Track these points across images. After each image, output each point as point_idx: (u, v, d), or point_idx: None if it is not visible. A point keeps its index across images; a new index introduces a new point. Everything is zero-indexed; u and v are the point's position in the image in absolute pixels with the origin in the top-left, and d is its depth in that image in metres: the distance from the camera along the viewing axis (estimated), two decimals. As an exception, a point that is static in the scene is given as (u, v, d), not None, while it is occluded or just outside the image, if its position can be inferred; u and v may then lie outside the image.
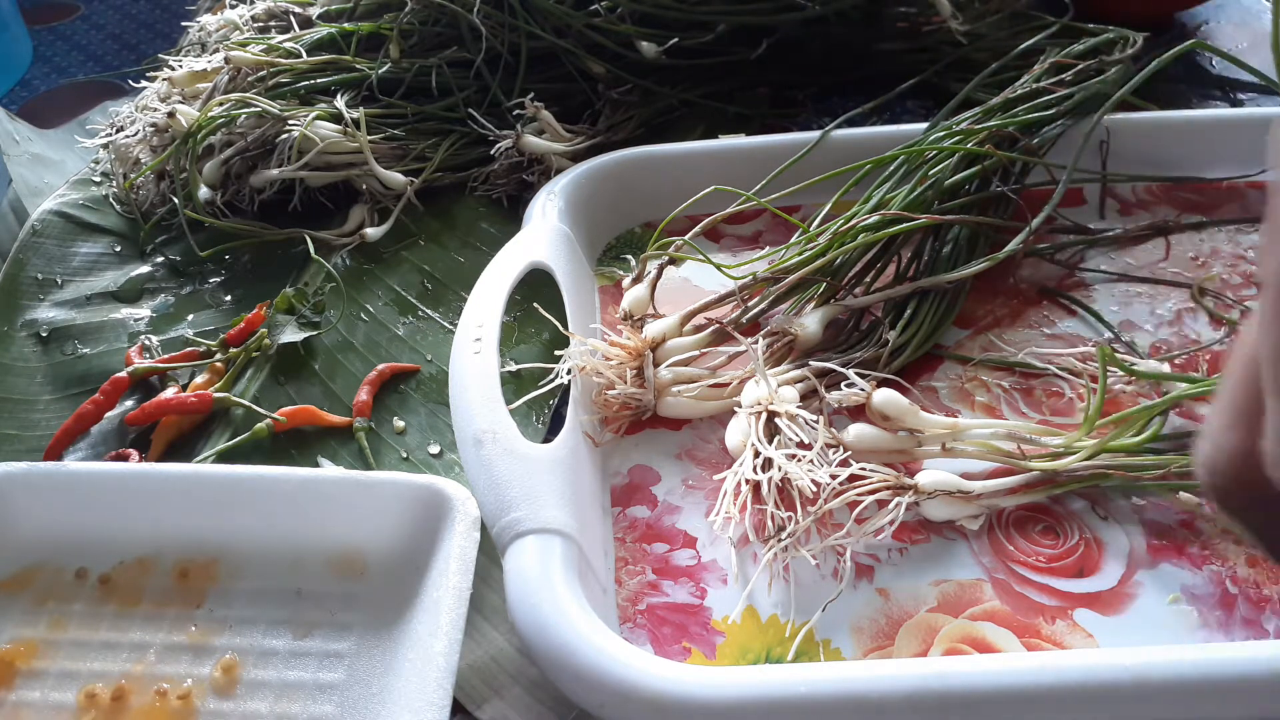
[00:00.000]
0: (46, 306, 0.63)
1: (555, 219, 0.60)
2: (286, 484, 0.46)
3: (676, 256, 0.58)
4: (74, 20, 0.93)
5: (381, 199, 0.68)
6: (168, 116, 0.67)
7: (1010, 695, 0.37)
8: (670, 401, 0.52)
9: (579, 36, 0.72)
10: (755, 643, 0.44)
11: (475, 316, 0.51)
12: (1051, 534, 0.47)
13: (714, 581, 0.46)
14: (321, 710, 0.41)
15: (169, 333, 0.61)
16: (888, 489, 0.46)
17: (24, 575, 0.46)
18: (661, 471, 0.51)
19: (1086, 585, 0.45)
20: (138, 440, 0.54)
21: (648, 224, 0.66)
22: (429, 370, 0.58)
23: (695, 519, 0.49)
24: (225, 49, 0.70)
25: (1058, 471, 0.47)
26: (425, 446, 0.54)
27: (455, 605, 0.41)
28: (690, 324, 0.54)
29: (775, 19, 0.73)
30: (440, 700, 0.38)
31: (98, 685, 0.42)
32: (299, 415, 0.54)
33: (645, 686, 0.37)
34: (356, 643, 0.43)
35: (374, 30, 0.72)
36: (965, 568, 0.46)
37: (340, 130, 0.66)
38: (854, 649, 0.43)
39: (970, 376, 0.55)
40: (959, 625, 0.44)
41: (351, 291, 0.63)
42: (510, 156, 0.67)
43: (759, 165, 0.62)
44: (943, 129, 0.62)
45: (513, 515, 0.43)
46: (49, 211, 0.68)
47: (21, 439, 0.55)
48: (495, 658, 0.45)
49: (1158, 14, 0.84)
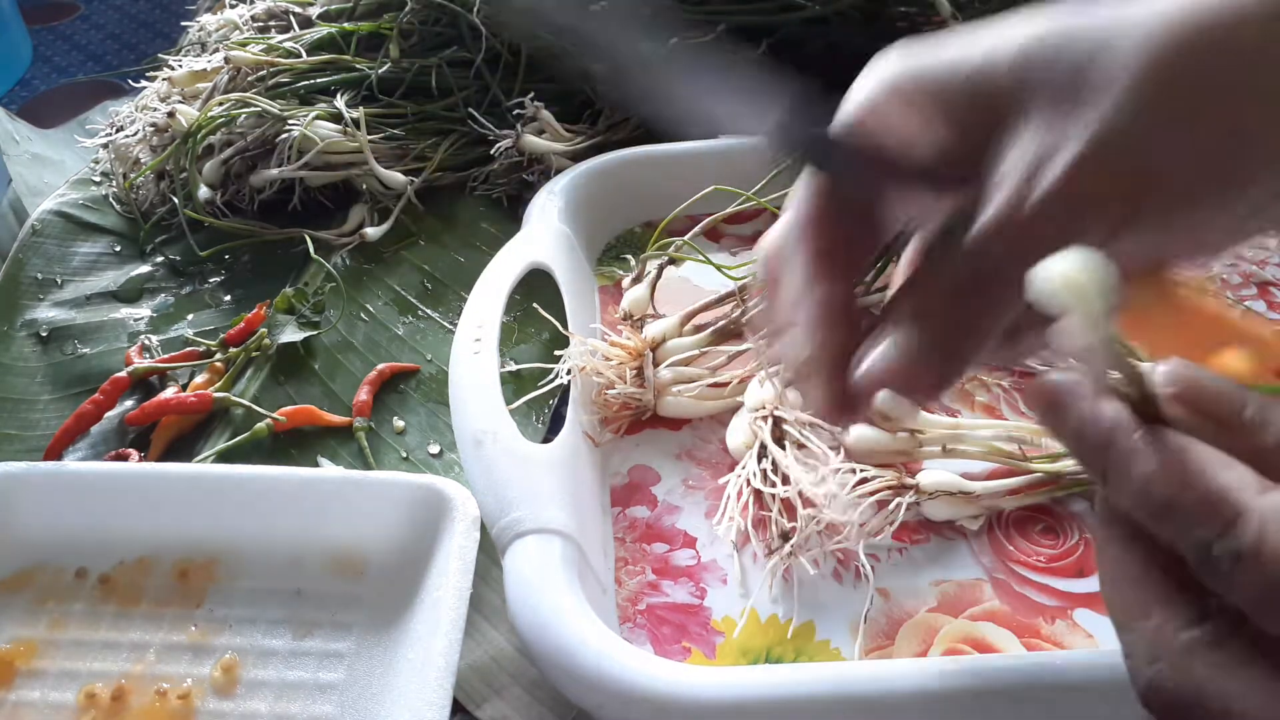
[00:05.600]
0: (46, 306, 0.63)
1: (555, 219, 0.60)
2: (286, 484, 0.46)
3: (676, 256, 0.58)
4: (74, 20, 0.93)
5: (381, 199, 0.68)
6: (168, 116, 0.67)
7: (1010, 696, 0.37)
8: (670, 401, 0.52)
9: (579, 36, 0.72)
10: (755, 643, 0.44)
11: (475, 317, 0.51)
12: (1051, 534, 0.47)
13: (714, 581, 0.46)
14: (321, 710, 0.41)
15: (169, 332, 0.61)
16: (889, 489, 0.46)
17: (24, 575, 0.46)
18: (661, 471, 0.51)
19: (1086, 585, 0.45)
20: (138, 440, 0.54)
21: (648, 224, 0.66)
22: (429, 370, 0.58)
23: (695, 519, 0.49)
24: (225, 49, 0.70)
25: (1059, 473, 0.47)
26: (425, 446, 0.54)
27: (455, 605, 0.41)
28: (690, 324, 0.54)
29: (775, 19, 0.73)
30: (440, 700, 0.38)
31: (98, 685, 0.42)
32: (299, 415, 0.54)
33: (645, 687, 0.37)
34: (356, 643, 0.43)
35: (374, 30, 0.72)
36: (965, 568, 0.46)
37: (340, 130, 0.66)
38: (854, 649, 0.43)
39: (970, 376, 0.55)
40: (959, 625, 0.44)
41: (351, 291, 0.63)
42: (510, 156, 0.67)
43: (759, 165, 0.62)
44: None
45: (513, 515, 0.43)
46: (49, 211, 0.68)
47: (21, 439, 0.55)
48: (495, 658, 0.45)
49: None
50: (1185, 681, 0.22)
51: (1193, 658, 0.22)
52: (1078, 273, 0.23)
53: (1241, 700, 0.22)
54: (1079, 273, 0.23)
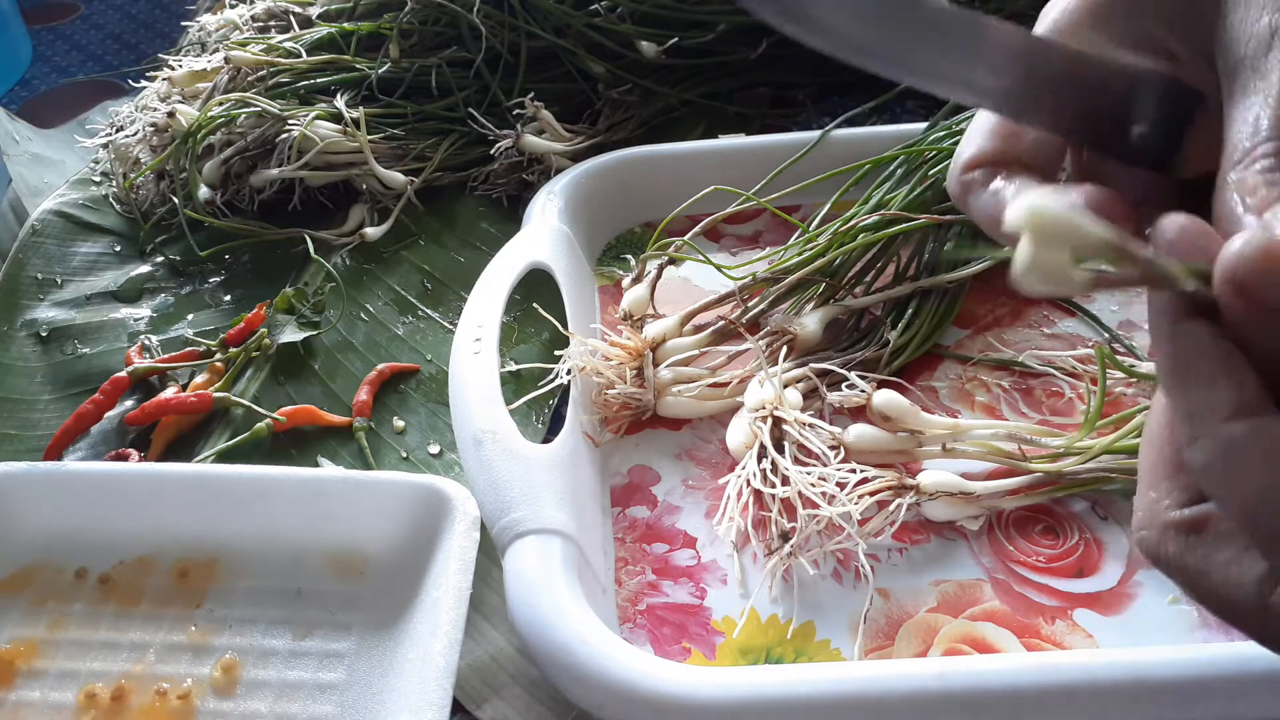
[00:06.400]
0: (46, 306, 0.63)
1: (555, 219, 0.60)
2: (286, 484, 0.46)
3: (676, 257, 0.58)
4: (74, 20, 0.93)
5: (381, 199, 0.68)
6: (168, 116, 0.67)
7: (1010, 696, 0.37)
8: (670, 401, 0.52)
9: (579, 36, 0.72)
10: (755, 643, 0.44)
11: (475, 317, 0.51)
12: (1051, 534, 0.47)
13: (714, 582, 0.46)
14: (321, 710, 0.41)
15: (169, 332, 0.61)
16: (889, 489, 0.46)
17: (24, 575, 0.46)
18: (661, 471, 0.51)
19: (1086, 585, 0.45)
20: (138, 440, 0.54)
21: (648, 224, 0.66)
22: (429, 370, 0.58)
23: (695, 519, 0.49)
24: (225, 49, 0.70)
25: (1060, 473, 0.47)
26: (425, 446, 0.54)
27: (455, 605, 0.41)
28: (690, 324, 0.54)
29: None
30: (440, 700, 0.38)
31: (98, 685, 0.42)
32: (299, 415, 0.54)
33: (645, 687, 0.37)
34: (356, 643, 0.43)
35: (374, 30, 0.72)
36: (965, 568, 0.46)
37: (340, 130, 0.66)
38: (854, 649, 0.43)
39: (970, 376, 0.55)
40: (959, 625, 0.44)
41: (351, 291, 0.63)
42: (510, 156, 0.67)
43: (759, 165, 0.62)
44: (942, 128, 0.62)
45: (512, 516, 0.43)
46: (49, 211, 0.68)
47: (21, 439, 0.55)
48: (495, 658, 0.45)
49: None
50: (1160, 552, 0.25)
51: (1171, 535, 0.25)
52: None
53: (1202, 577, 0.24)
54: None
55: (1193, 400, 0.24)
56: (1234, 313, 0.23)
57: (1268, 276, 0.22)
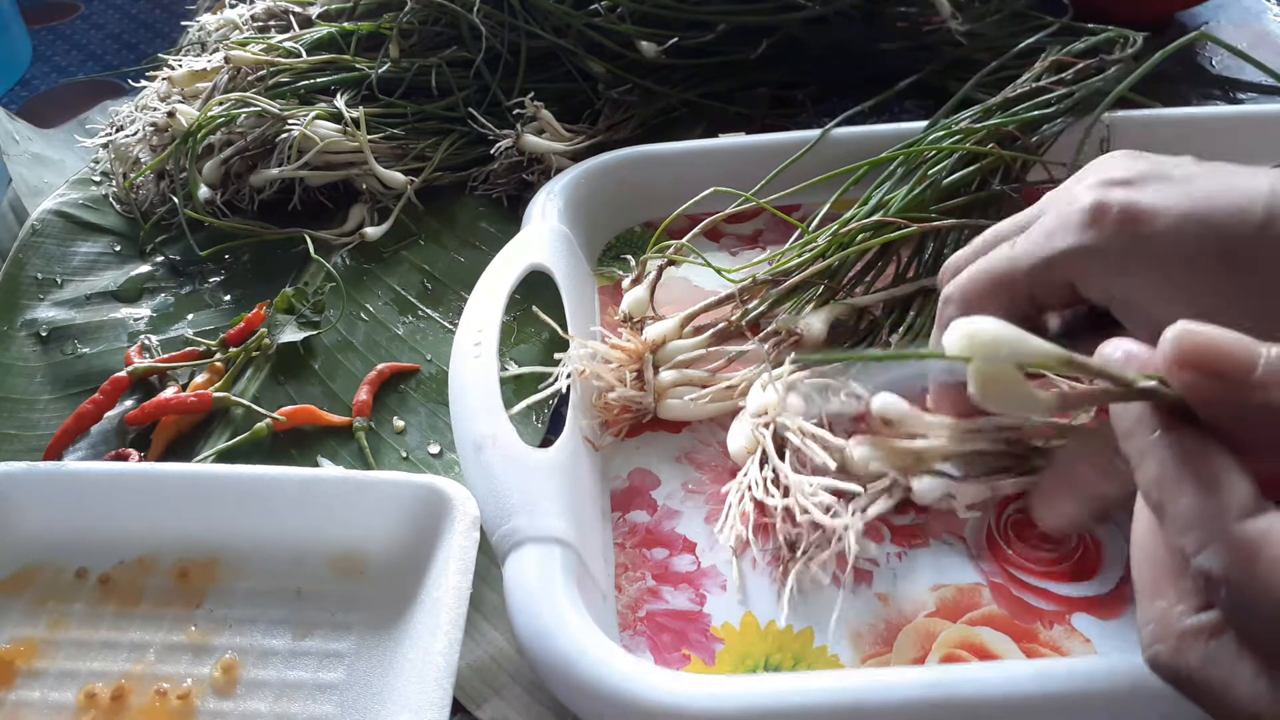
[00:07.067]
0: (46, 306, 0.63)
1: (555, 219, 0.60)
2: (286, 484, 0.46)
3: (676, 258, 0.58)
4: (74, 20, 0.93)
5: (381, 198, 0.68)
6: (167, 116, 0.67)
7: (1008, 703, 0.37)
8: (670, 404, 0.52)
9: (579, 36, 0.72)
10: (754, 649, 0.44)
11: (475, 320, 0.51)
12: (1050, 538, 0.47)
13: (713, 587, 0.46)
14: (321, 710, 0.41)
15: (169, 332, 0.61)
16: (888, 494, 0.46)
17: (24, 575, 0.46)
18: (661, 475, 0.51)
19: (1085, 590, 0.45)
20: (138, 440, 0.54)
21: (648, 224, 0.66)
22: (429, 370, 0.58)
23: (695, 524, 0.49)
24: (225, 48, 0.70)
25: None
26: (425, 446, 0.54)
27: (455, 605, 0.41)
28: (690, 326, 0.54)
29: (775, 19, 0.73)
30: (440, 700, 0.38)
31: (97, 685, 0.42)
32: (299, 415, 0.54)
33: (644, 697, 0.37)
34: (356, 643, 0.43)
35: (374, 30, 0.72)
36: (963, 572, 0.46)
37: (340, 130, 0.66)
38: (852, 655, 0.43)
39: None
40: (957, 630, 0.44)
41: (351, 291, 0.63)
42: (510, 156, 0.67)
43: (759, 165, 0.62)
44: (942, 128, 0.62)
45: (512, 523, 0.43)
46: (49, 211, 0.68)
47: (21, 439, 0.55)
48: (495, 657, 0.45)
49: (1157, 14, 0.84)
50: (1180, 664, 0.24)
51: (1190, 643, 0.24)
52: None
53: (1226, 690, 0.23)
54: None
55: (1194, 508, 0.23)
56: (1197, 393, 0.23)
57: (1206, 339, 0.23)
